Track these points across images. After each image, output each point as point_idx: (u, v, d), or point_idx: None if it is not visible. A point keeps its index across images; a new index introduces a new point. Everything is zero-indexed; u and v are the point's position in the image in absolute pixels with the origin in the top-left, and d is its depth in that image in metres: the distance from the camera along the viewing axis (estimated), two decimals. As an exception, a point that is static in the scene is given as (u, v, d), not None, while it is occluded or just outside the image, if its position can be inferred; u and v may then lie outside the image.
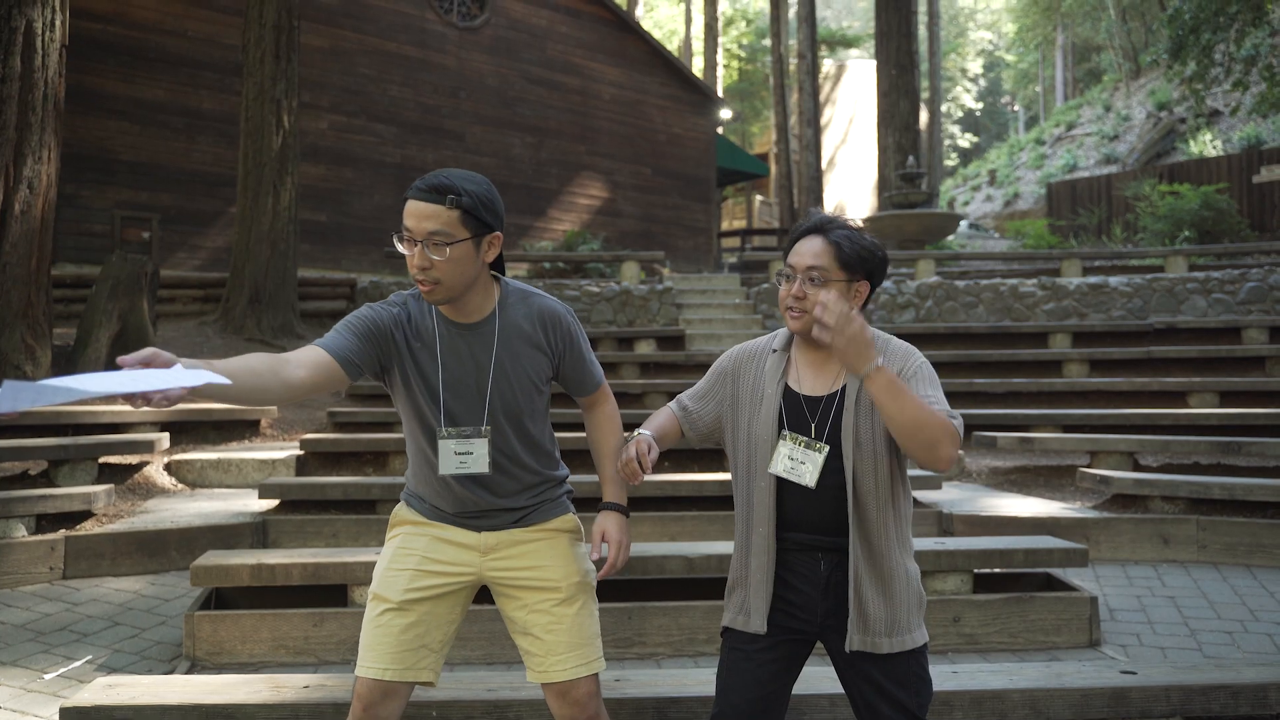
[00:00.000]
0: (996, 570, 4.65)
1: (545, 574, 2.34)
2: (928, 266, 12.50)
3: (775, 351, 2.37)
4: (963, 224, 25.41)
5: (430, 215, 2.10)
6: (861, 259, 2.23)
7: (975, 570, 4.48)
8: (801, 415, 2.25)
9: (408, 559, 2.33)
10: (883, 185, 18.81)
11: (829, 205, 31.36)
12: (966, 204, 34.64)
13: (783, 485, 2.24)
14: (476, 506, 2.32)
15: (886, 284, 11.88)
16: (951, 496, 6.30)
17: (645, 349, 10.76)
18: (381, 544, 5.21)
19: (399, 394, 2.30)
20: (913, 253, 13.40)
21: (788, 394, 2.29)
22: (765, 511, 2.26)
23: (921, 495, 6.08)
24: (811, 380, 2.29)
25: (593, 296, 12.05)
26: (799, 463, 2.20)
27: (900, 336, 10.73)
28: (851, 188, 34.43)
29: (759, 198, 31.56)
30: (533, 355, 2.30)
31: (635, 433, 2.30)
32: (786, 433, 2.24)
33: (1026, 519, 5.65)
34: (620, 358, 10.08)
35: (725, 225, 30.15)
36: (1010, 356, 9.85)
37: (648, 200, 18.93)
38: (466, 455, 2.25)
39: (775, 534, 2.26)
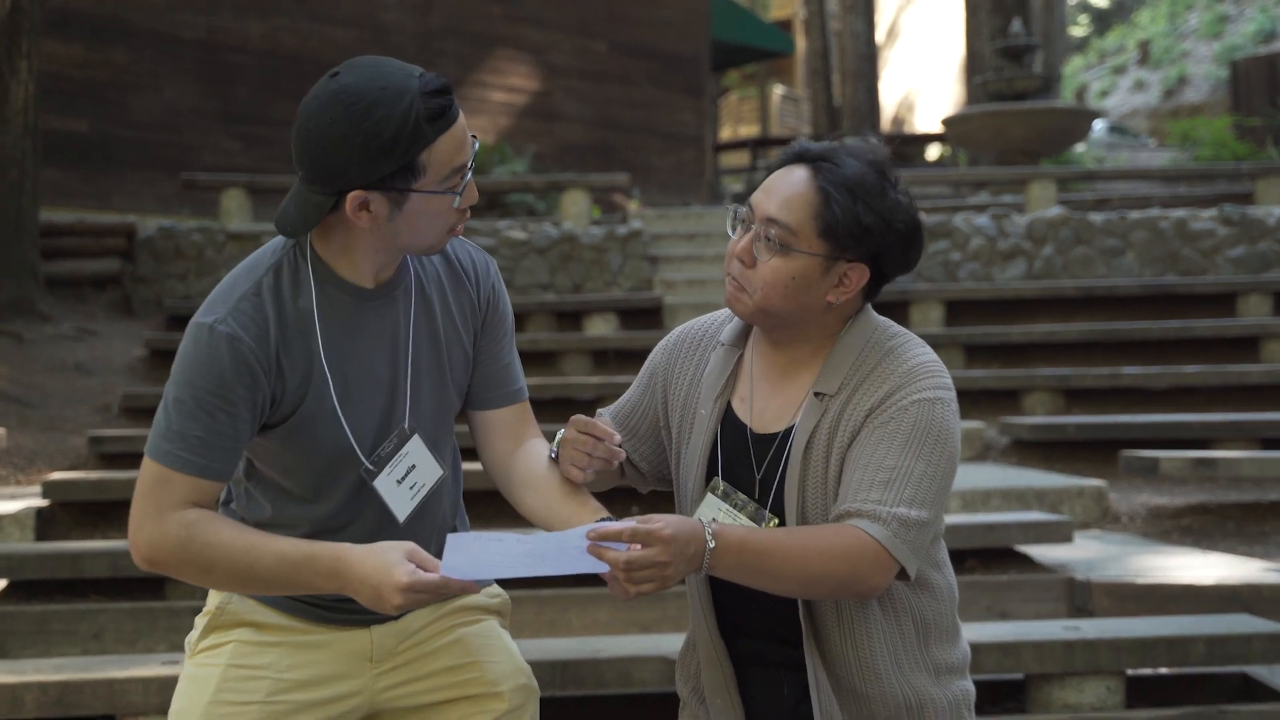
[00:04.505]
0: (1162, 670, 4.67)
1: (475, 675, 2.35)
2: (1045, 192, 12.55)
3: (723, 345, 2.36)
4: (1098, 125, 25.60)
5: None
6: (862, 230, 2.16)
7: (1128, 671, 4.50)
8: (745, 458, 2.26)
9: (251, 688, 2.28)
10: (972, 66, 18.87)
11: (887, 99, 31.44)
12: (1104, 95, 34.88)
13: None
14: None
15: (981, 220, 11.88)
16: (1089, 554, 6.28)
17: (601, 328, 10.70)
18: (173, 647, 5.14)
19: (271, 448, 2.28)
20: (1021, 170, 13.46)
21: (729, 421, 2.29)
22: (700, 602, 2.29)
23: (1039, 553, 6.05)
24: (766, 401, 2.28)
25: (517, 246, 12.00)
26: None
27: (1001, 302, 10.82)
28: (921, 71, 34.61)
29: (779, 89, 31.63)
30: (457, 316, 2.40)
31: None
32: (718, 483, 2.25)
33: (1208, 588, 5.64)
34: (561, 342, 10.04)
35: (727, 133, 30.24)
36: (1178, 331, 9.94)
37: (603, 93, 18.90)
38: (411, 471, 2.30)
39: (719, 636, 2.29)
